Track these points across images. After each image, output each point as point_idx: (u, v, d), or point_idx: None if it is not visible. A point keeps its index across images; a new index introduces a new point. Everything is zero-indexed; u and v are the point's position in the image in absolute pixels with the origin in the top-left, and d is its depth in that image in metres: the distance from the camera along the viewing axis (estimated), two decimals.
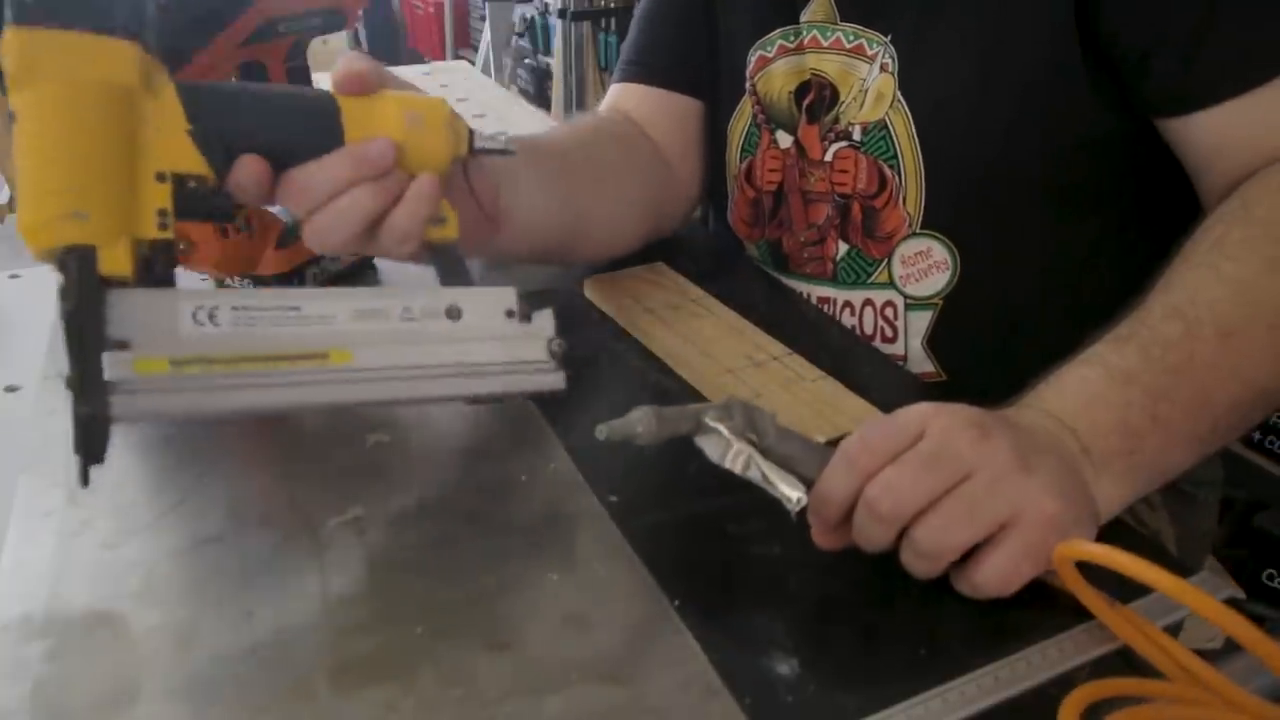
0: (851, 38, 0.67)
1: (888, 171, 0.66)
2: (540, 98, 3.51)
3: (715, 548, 0.45)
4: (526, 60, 3.74)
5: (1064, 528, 0.40)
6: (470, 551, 0.45)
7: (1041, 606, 0.42)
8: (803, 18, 0.70)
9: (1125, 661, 0.40)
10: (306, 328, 0.40)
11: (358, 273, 0.75)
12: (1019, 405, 0.47)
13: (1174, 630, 0.42)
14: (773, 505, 0.40)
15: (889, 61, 0.65)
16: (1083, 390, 0.46)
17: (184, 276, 0.62)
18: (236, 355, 0.39)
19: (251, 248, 0.66)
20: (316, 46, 0.69)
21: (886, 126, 0.66)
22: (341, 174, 0.44)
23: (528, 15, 3.70)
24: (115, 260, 0.38)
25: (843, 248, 0.70)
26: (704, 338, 0.62)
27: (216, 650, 0.39)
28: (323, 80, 0.50)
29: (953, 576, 0.41)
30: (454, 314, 0.43)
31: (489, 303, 0.44)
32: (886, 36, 0.65)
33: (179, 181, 0.40)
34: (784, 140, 0.73)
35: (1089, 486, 0.43)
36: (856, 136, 0.68)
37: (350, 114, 0.45)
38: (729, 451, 0.41)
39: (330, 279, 0.72)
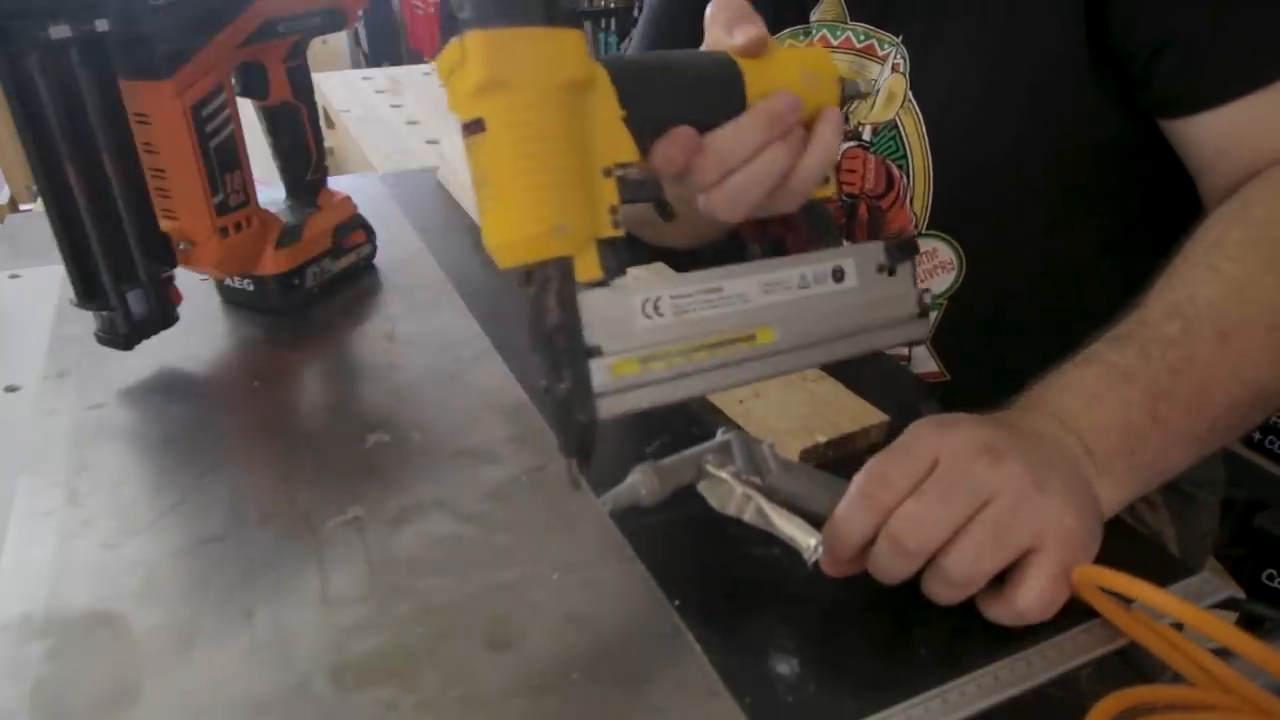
0: (862, 38, 0.67)
1: (895, 171, 0.66)
2: None
3: (715, 548, 0.45)
4: None
5: (1085, 542, 0.40)
6: (470, 551, 0.45)
7: None
8: (813, 17, 0.69)
9: (1125, 661, 0.40)
10: (730, 307, 0.41)
11: (357, 274, 0.75)
12: (1019, 407, 0.47)
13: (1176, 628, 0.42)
14: None
15: (900, 62, 0.65)
16: (1083, 390, 0.46)
17: (184, 276, 0.62)
18: (687, 346, 0.39)
19: (251, 247, 0.66)
20: (316, 46, 0.69)
21: (897, 126, 0.66)
22: (757, 136, 0.43)
23: None
24: (588, 267, 0.37)
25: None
26: None
27: (216, 650, 0.39)
28: (322, 80, 0.50)
29: (984, 606, 0.41)
30: (838, 275, 0.44)
31: (864, 260, 0.45)
32: (898, 37, 0.65)
33: (620, 173, 0.38)
34: None
35: (1094, 489, 0.43)
36: (866, 136, 0.68)
37: (751, 76, 0.43)
38: (733, 499, 0.40)
39: (330, 279, 0.72)
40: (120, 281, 0.56)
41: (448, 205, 0.93)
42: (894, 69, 0.66)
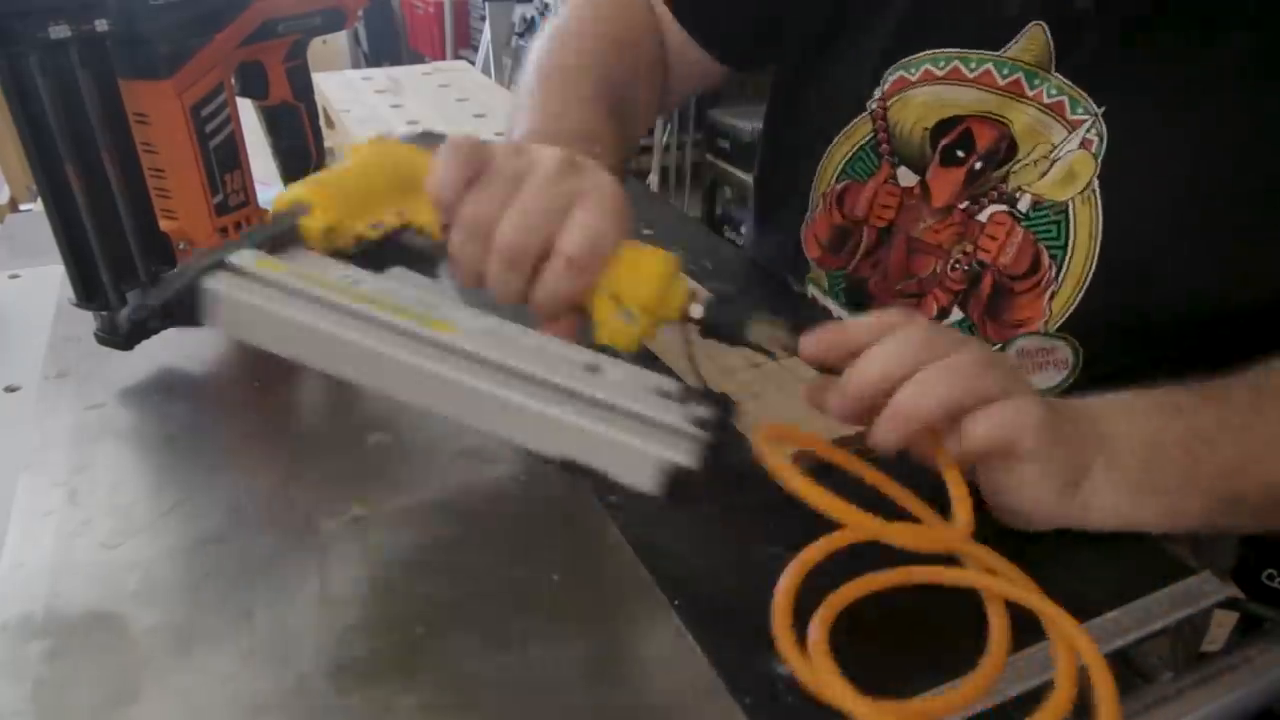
0: (1053, 92, 0.58)
1: (1045, 260, 0.58)
2: None
3: (715, 548, 0.45)
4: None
5: (1044, 432, 0.41)
6: (470, 551, 0.45)
7: None
8: (1005, 52, 0.60)
9: (1125, 661, 0.40)
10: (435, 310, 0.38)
11: None
12: (1065, 398, 0.47)
13: (1178, 628, 0.42)
14: (772, 505, 0.40)
15: (1094, 140, 0.56)
16: (1128, 405, 0.46)
17: None
18: (346, 284, 0.38)
19: None
20: (316, 46, 0.69)
21: (1066, 212, 0.57)
22: None
23: (528, 15, 3.70)
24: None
25: (955, 314, 0.63)
26: None
27: (216, 650, 0.39)
28: (322, 80, 0.50)
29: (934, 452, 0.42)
30: (593, 369, 0.38)
31: (639, 376, 0.38)
32: (1100, 109, 0.56)
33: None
34: (906, 178, 0.65)
35: (1087, 457, 0.44)
36: (1023, 206, 0.59)
37: None
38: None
39: None
40: (120, 281, 0.56)
41: None
42: (1084, 145, 0.56)
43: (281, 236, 0.40)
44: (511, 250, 0.42)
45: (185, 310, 0.38)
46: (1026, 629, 0.39)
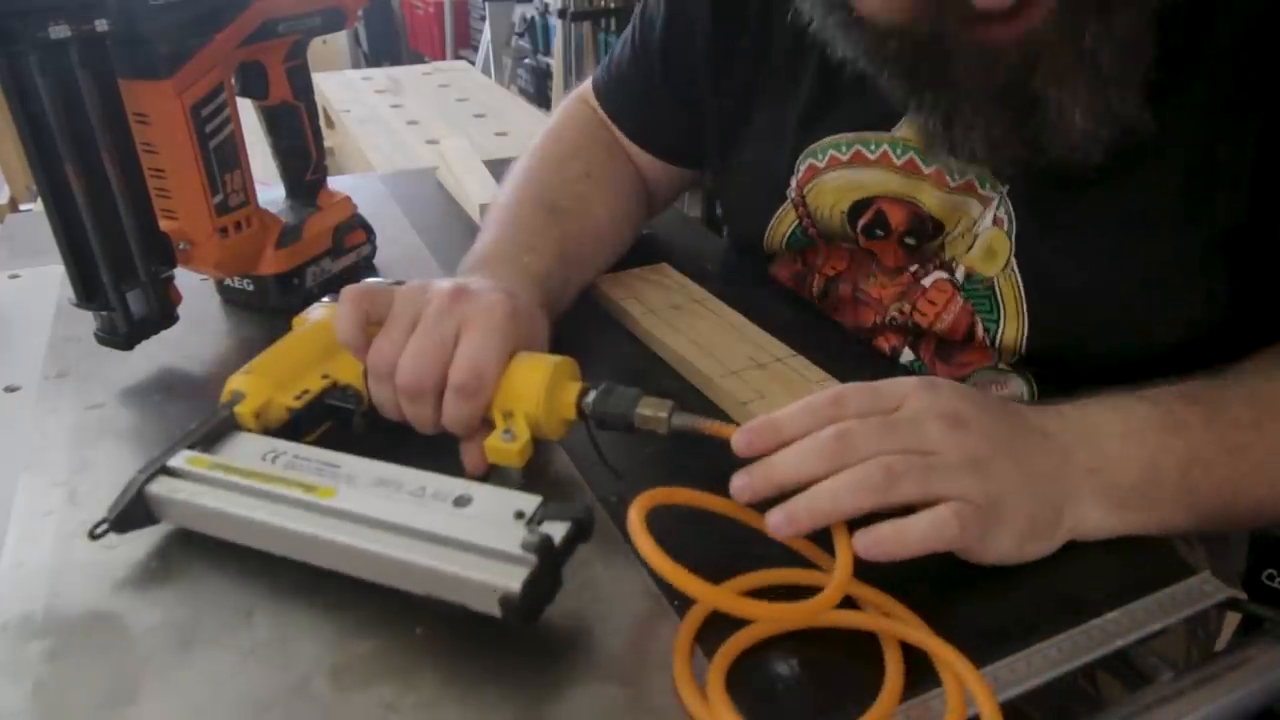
0: (957, 175, 0.59)
1: (980, 330, 0.59)
2: (540, 97, 3.51)
3: (715, 547, 0.45)
4: (526, 60, 3.75)
5: (982, 520, 0.40)
6: None
7: (1041, 607, 0.42)
8: (896, 132, 0.61)
9: (1125, 661, 0.40)
10: (333, 479, 0.44)
11: (357, 274, 0.75)
12: (1057, 405, 0.46)
13: (1192, 631, 0.42)
14: (773, 505, 0.40)
15: (1004, 218, 0.57)
16: (1130, 422, 0.46)
17: (184, 276, 0.62)
18: (258, 470, 0.44)
19: (251, 247, 0.66)
20: (316, 46, 0.69)
21: (994, 289, 0.58)
22: None
23: (528, 15, 3.70)
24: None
25: (907, 354, 0.65)
26: (707, 339, 0.62)
27: (216, 650, 0.39)
28: (322, 80, 0.50)
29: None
30: (462, 502, 0.42)
31: (504, 501, 0.41)
32: (1004, 187, 0.57)
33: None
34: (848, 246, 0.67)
35: (1064, 501, 0.43)
36: (959, 276, 0.60)
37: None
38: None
39: (330, 279, 0.72)
40: (120, 281, 0.56)
41: (447, 205, 0.93)
42: (996, 222, 0.57)
43: (221, 425, 0.47)
44: (411, 388, 0.47)
45: (139, 514, 0.44)
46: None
